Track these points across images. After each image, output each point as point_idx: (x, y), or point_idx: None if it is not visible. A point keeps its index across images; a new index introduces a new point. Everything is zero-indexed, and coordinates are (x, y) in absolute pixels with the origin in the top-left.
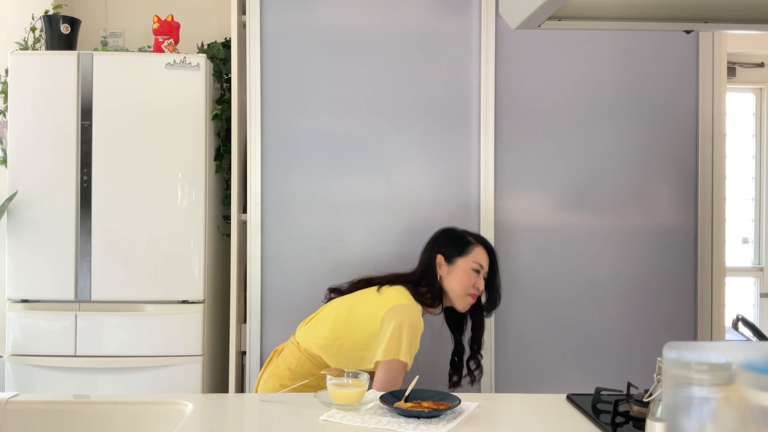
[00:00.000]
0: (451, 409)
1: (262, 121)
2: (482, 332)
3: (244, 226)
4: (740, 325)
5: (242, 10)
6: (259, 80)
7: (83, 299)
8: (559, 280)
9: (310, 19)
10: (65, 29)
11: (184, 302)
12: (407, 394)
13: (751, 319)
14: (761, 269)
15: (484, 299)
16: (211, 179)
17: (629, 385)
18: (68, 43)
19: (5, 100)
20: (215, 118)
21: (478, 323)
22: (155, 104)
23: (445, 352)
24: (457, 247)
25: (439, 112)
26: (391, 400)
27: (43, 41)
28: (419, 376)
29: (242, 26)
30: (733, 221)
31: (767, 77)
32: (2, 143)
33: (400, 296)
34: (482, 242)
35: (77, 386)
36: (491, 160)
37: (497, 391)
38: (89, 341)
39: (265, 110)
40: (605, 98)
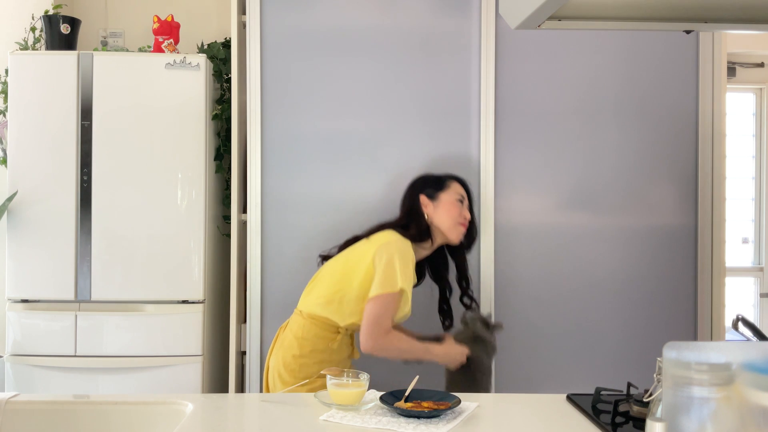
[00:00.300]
0: (451, 409)
1: (262, 121)
2: (467, 268)
3: (244, 226)
4: (740, 325)
5: (242, 10)
6: (259, 80)
7: (83, 299)
8: (559, 280)
9: (310, 19)
10: (65, 29)
11: (184, 302)
12: (407, 394)
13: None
14: (761, 269)
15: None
16: (211, 179)
17: (629, 385)
18: (68, 43)
19: (5, 100)
20: (215, 118)
21: (460, 261)
22: (155, 104)
23: None
24: (435, 185)
25: (439, 112)
26: (391, 400)
27: (43, 41)
28: (419, 376)
29: (242, 26)
30: (733, 221)
31: (767, 77)
32: (2, 143)
33: (388, 235)
34: (455, 177)
35: (77, 386)
36: (491, 160)
37: (497, 391)
38: (89, 341)
39: (265, 110)
40: (605, 98)
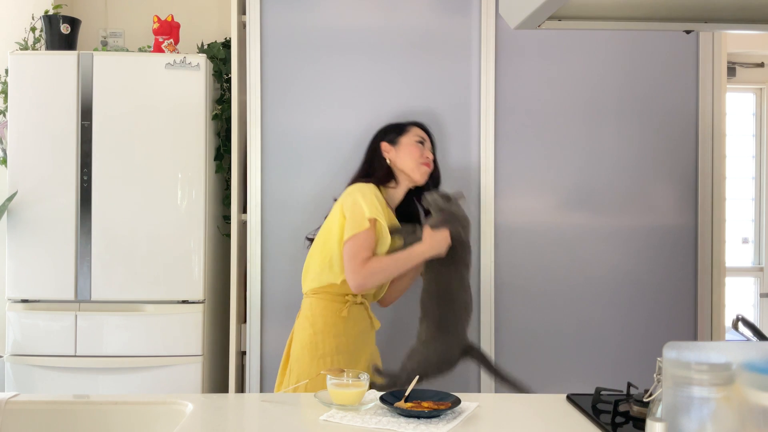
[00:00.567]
0: (451, 409)
1: (262, 121)
2: None
3: (244, 226)
4: (740, 325)
5: (242, 10)
6: (259, 80)
7: (83, 299)
8: (559, 280)
9: (310, 19)
10: (65, 29)
11: (184, 302)
12: (407, 394)
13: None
14: (761, 269)
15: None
16: (211, 179)
17: (629, 385)
18: (68, 43)
19: (5, 100)
20: (215, 118)
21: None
22: (155, 104)
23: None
24: (396, 131)
25: (439, 111)
26: (391, 400)
27: (43, 41)
28: (419, 376)
29: (242, 26)
30: (733, 221)
31: (767, 77)
32: (2, 143)
33: (350, 188)
34: (415, 123)
35: (77, 386)
36: (491, 160)
37: (497, 391)
38: (89, 341)
39: (265, 110)
40: (605, 98)
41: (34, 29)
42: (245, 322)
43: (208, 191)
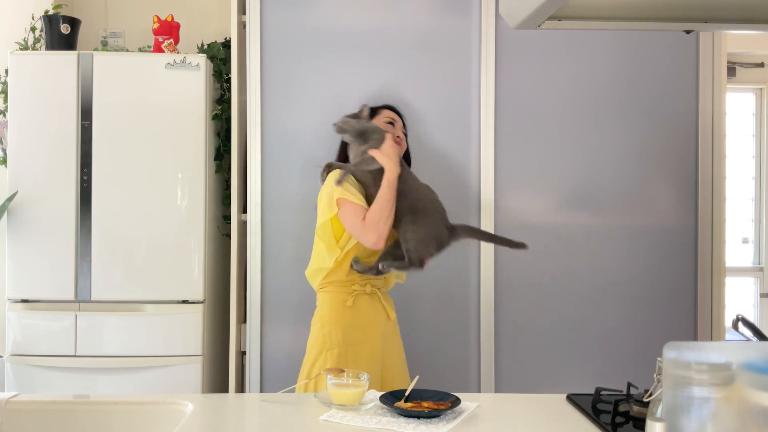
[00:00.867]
0: (451, 409)
1: (262, 121)
2: None
3: (244, 226)
4: (740, 325)
5: (242, 10)
6: (259, 80)
7: (83, 299)
8: (559, 280)
9: (310, 19)
10: (65, 29)
11: (184, 302)
12: (407, 394)
13: (751, 319)
14: (761, 269)
15: None
16: (211, 179)
17: (629, 385)
18: (68, 43)
19: (5, 100)
20: (215, 118)
21: None
22: (155, 104)
23: (445, 352)
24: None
25: (438, 111)
26: (391, 400)
27: (43, 41)
28: (419, 376)
29: (242, 26)
30: (733, 221)
31: (767, 77)
32: (2, 143)
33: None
34: (385, 105)
35: (77, 386)
36: (491, 160)
37: (497, 391)
38: (89, 341)
39: (265, 110)
40: (605, 98)
41: (34, 29)
42: (245, 322)
43: (208, 191)
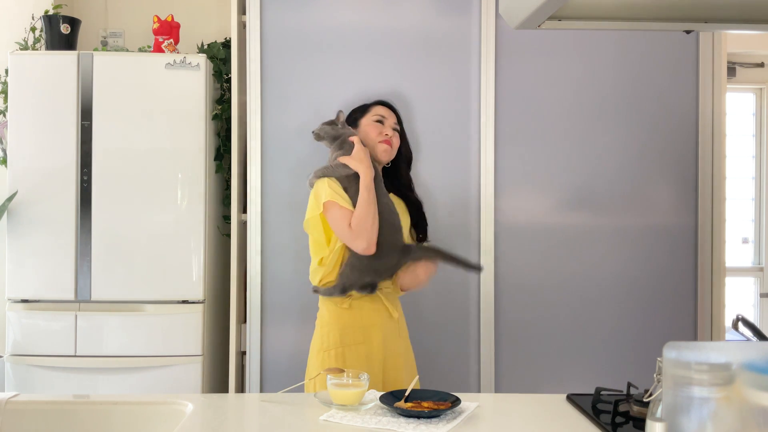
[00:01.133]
0: (451, 409)
1: (262, 121)
2: (405, 183)
3: (244, 226)
4: (740, 325)
5: (242, 10)
6: (259, 80)
7: (83, 299)
8: (558, 279)
9: (309, 19)
10: (65, 29)
11: (184, 302)
12: (407, 394)
13: (751, 319)
14: (761, 269)
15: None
16: (211, 179)
17: (629, 385)
18: (68, 43)
19: (5, 100)
20: (215, 118)
21: (404, 177)
22: (155, 104)
23: (445, 352)
24: (358, 112)
25: (438, 112)
26: (391, 400)
27: (43, 41)
28: (419, 376)
29: (242, 26)
30: (733, 221)
31: (767, 77)
32: (2, 143)
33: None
34: (379, 101)
35: (77, 386)
36: (491, 160)
37: (497, 391)
38: (89, 341)
39: (265, 110)
40: (605, 98)
41: (34, 29)
42: (245, 322)
43: (208, 191)
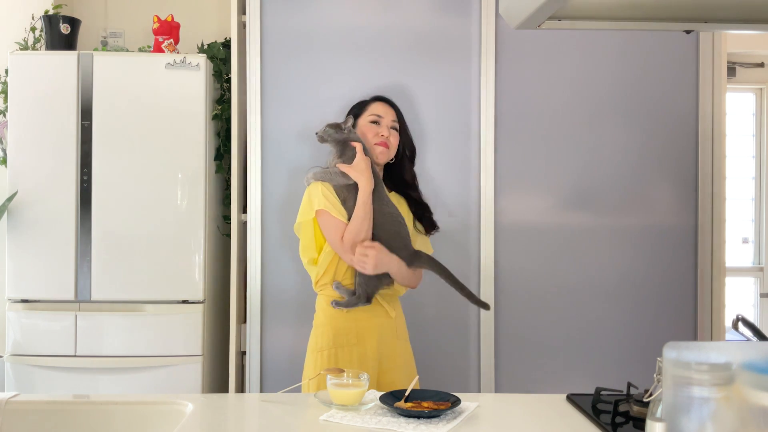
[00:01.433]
0: (451, 409)
1: (262, 121)
2: (409, 182)
3: (244, 226)
4: (740, 325)
5: (242, 10)
6: (259, 80)
7: (83, 299)
8: (559, 280)
9: (310, 19)
10: (65, 29)
11: (184, 302)
12: (407, 394)
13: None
14: (761, 269)
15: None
16: (211, 179)
17: (629, 385)
18: (68, 43)
19: (5, 100)
20: (215, 118)
21: (407, 176)
22: (155, 104)
23: (445, 352)
24: (356, 110)
25: (438, 112)
26: (391, 400)
27: (43, 41)
28: (419, 376)
29: (242, 26)
30: (733, 221)
31: (767, 77)
32: (2, 143)
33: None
34: (378, 98)
35: (77, 386)
36: (491, 160)
37: (497, 391)
38: (89, 341)
39: (265, 110)
40: (605, 98)
41: (34, 29)
42: (245, 322)
43: (208, 191)
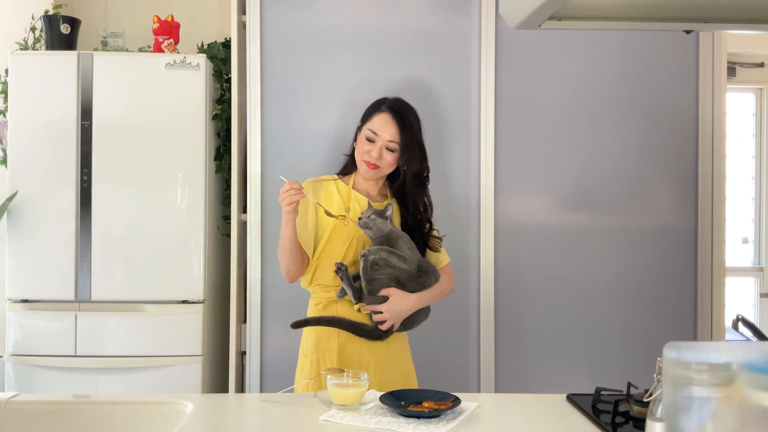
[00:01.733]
0: (451, 409)
1: (261, 121)
2: (417, 199)
3: (244, 226)
4: (740, 325)
5: (242, 10)
6: (259, 80)
7: (83, 299)
8: (559, 279)
9: (310, 19)
10: (65, 29)
11: (184, 302)
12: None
13: (751, 319)
14: (761, 269)
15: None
16: (211, 179)
17: (629, 385)
18: (68, 43)
19: (5, 100)
20: (215, 118)
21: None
22: (155, 104)
23: (445, 352)
24: (365, 114)
25: (438, 111)
26: (391, 400)
27: (43, 41)
28: (419, 375)
29: (242, 26)
30: (733, 221)
31: (767, 77)
32: (2, 143)
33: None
34: (385, 108)
35: (77, 386)
36: (491, 160)
37: (497, 391)
38: (89, 341)
39: (265, 110)
40: (605, 98)
41: (34, 29)
42: (245, 322)
43: (208, 191)
